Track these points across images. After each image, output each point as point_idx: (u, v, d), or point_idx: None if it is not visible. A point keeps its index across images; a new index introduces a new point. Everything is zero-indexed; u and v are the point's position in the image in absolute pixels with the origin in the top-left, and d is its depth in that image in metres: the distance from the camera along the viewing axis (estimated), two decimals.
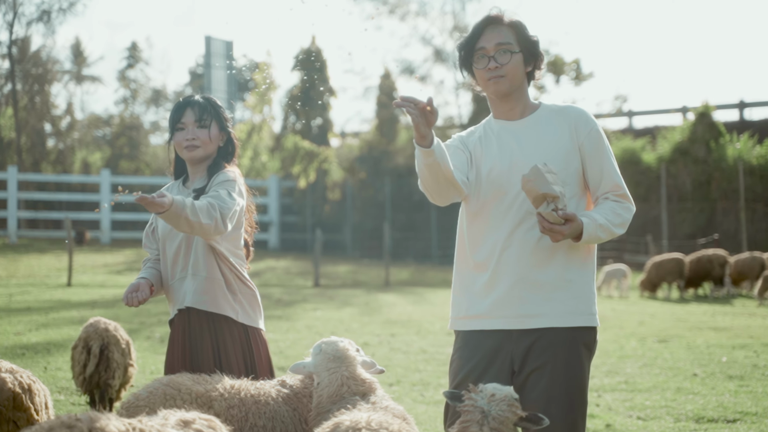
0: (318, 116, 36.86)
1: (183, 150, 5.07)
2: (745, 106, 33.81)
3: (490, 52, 4.49)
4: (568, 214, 4.20)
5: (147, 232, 5.23)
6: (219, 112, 5.16)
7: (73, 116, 42.67)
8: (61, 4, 37.78)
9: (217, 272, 4.94)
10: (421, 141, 4.18)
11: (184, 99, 5.17)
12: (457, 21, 36.76)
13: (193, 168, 5.13)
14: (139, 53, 42.01)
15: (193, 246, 4.95)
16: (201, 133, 5.05)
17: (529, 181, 4.19)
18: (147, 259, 5.20)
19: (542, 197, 4.19)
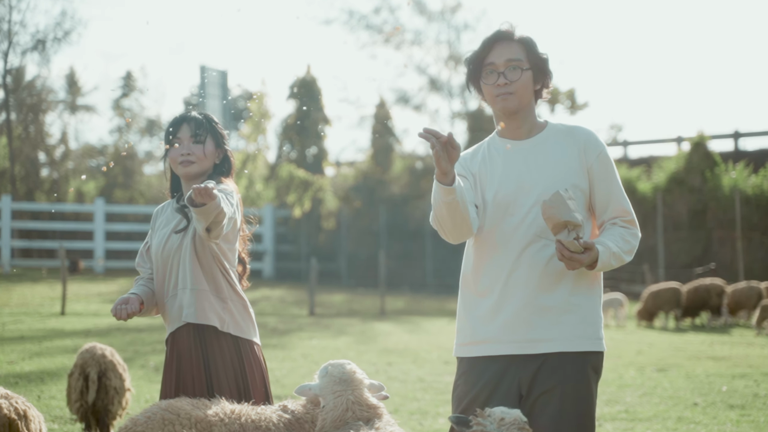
0: (313, 145, 36.84)
1: (178, 165, 5.00)
2: (739, 136, 33.85)
3: (499, 68, 4.39)
4: (587, 243, 4.12)
5: (141, 252, 5.15)
6: (215, 128, 5.10)
7: (68, 145, 42.61)
8: (56, 33, 37.79)
9: (203, 283, 4.85)
10: (442, 178, 4.10)
11: (180, 114, 5.10)
12: (452, 50, 36.83)
13: (188, 184, 5.05)
14: (134, 82, 42.03)
15: (181, 261, 4.87)
16: (196, 149, 4.98)
17: (551, 208, 4.09)
18: (139, 278, 5.13)
19: (563, 225, 4.09)
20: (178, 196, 5.12)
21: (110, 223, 34.12)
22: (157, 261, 4.99)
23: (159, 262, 4.98)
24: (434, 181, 4.18)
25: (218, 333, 4.86)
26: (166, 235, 4.96)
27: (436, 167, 4.09)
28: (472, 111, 36.18)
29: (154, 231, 5.10)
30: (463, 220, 4.24)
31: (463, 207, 4.19)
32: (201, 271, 4.85)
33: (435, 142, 4.00)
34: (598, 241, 4.24)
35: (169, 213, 5.05)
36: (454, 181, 4.12)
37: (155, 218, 5.16)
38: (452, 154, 4.04)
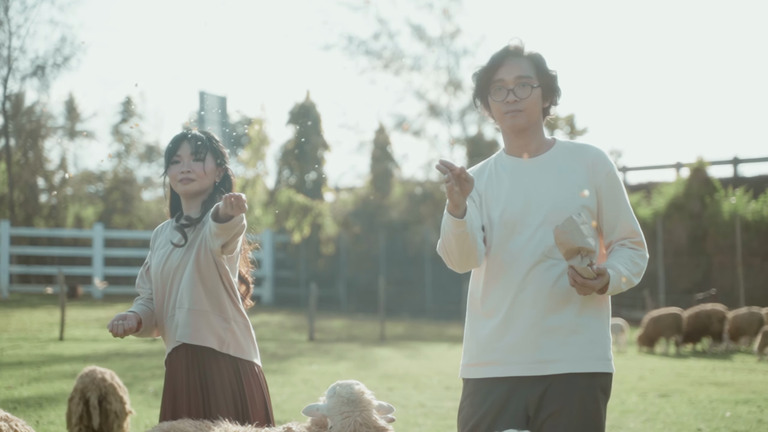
0: (312, 170, 36.83)
1: (177, 183, 4.94)
2: (739, 162, 33.84)
3: (509, 85, 4.33)
4: (600, 269, 4.06)
5: (141, 273, 5.09)
6: (216, 146, 5.04)
7: (67, 171, 42.59)
8: (56, 59, 37.82)
9: (203, 303, 4.78)
10: (454, 210, 4.07)
11: (180, 132, 5.05)
12: (451, 76, 36.85)
13: (188, 203, 4.99)
14: (133, 108, 42.04)
15: (182, 280, 4.81)
16: (196, 167, 4.92)
17: (564, 233, 4.03)
18: (139, 297, 5.07)
19: (576, 250, 4.03)
20: (178, 215, 5.06)
21: (109, 248, 34.08)
22: (157, 281, 4.93)
23: (158, 282, 4.92)
24: (445, 212, 4.14)
25: (216, 354, 4.79)
26: (165, 255, 4.90)
27: (448, 199, 4.06)
28: (471, 136, 36.19)
29: (153, 251, 5.05)
30: (470, 251, 4.21)
31: (472, 239, 4.15)
32: (203, 291, 4.79)
33: (450, 175, 3.96)
34: (608, 264, 4.18)
35: (169, 232, 5.00)
36: (465, 213, 4.08)
37: (155, 238, 5.10)
38: (465, 187, 4.01)
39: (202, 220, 4.87)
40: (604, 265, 4.16)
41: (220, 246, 4.59)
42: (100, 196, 41.56)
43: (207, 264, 4.78)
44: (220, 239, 4.56)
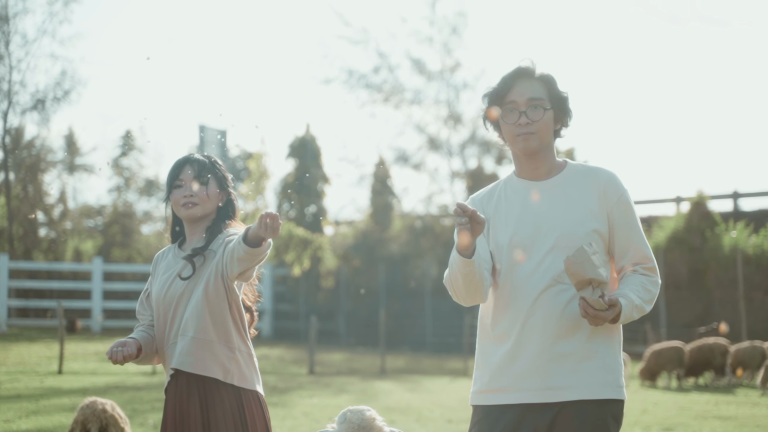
0: (312, 203, 36.82)
1: (180, 208, 4.87)
2: (738, 197, 33.82)
3: (521, 107, 4.27)
4: (612, 299, 4.00)
5: (141, 299, 5.02)
6: (218, 170, 4.98)
7: (66, 205, 42.56)
8: (56, 93, 37.87)
9: (209, 332, 4.70)
10: (463, 251, 4.04)
11: (183, 156, 4.99)
12: (451, 109, 36.91)
13: (191, 228, 4.92)
14: (133, 141, 42.09)
15: (187, 308, 4.74)
16: (199, 191, 4.86)
17: (575, 264, 3.97)
18: (139, 324, 4.98)
19: (587, 282, 3.97)
20: (180, 241, 5.00)
21: (108, 282, 34.00)
22: (158, 307, 4.85)
23: (160, 309, 4.84)
24: (454, 251, 4.10)
25: (219, 384, 4.72)
26: (168, 281, 4.83)
27: (458, 239, 4.02)
28: (471, 169, 36.20)
29: (154, 277, 4.97)
30: (477, 289, 4.17)
31: (479, 278, 4.12)
32: (210, 320, 4.71)
33: (465, 219, 3.94)
34: (620, 293, 4.12)
35: (171, 258, 4.92)
36: (474, 252, 4.05)
37: (156, 264, 5.03)
38: (476, 228, 3.98)
39: (210, 248, 4.80)
40: (616, 293, 4.10)
41: (238, 272, 4.53)
42: (99, 230, 41.52)
43: (216, 292, 4.71)
44: (243, 264, 4.49)
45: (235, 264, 4.52)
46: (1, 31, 36.82)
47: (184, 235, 4.99)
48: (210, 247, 4.80)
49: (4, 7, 36.73)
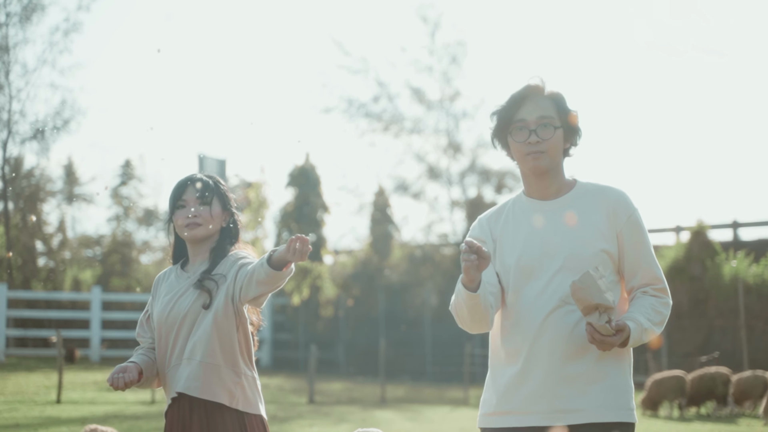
0: (311, 232, 36.76)
1: (183, 228, 4.82)
2: (738, 226, 33.78)
3: (531, 125, 4.21)
4: (619, 324, 3.94)
5: (141, 321, 4.95)
6: (222, 190, 4.93)
7: (65, 234, 42.51)
8: (56, 122, 37.89)
9: (217, 356, 4.64)
10: (468, 284, 4.02)
11: (185, 177, 4.94)
12: (450, 138, 36.93)
13: (194, 249, 4.87)
14: (132, 170, 42.08)
15: (194, 331, 4.68)
16: (203, 211, 4.81)
17: (581, 289, 3.92)
18: (139, 347, 4.91)
19: (594, 307, 3.92)
20: (183, 262, 4.95)
21: (107, 311, 33.89)
22: (160, 329, 4.79)
23: (162, 331, 4.78)
24: (459, 284, 4.08)
25: (223, 407, 4.66)
26: (170, 303, 4.77)
27: (464, 274, 3.99)
28: (471, 198, 36.15)
29: (155, 299, 4.91)
30: (482, 319, 4.14)
31: (484, 308, 4.09)
32: (218, 344, 4.65)
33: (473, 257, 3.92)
34: (629, 316, 4.06)
35: (173, 280, 4.87)
36: (480, 286, 4.02)
37: (157, 285, 4.97)
38: (482, 264, 3.95)
39: (219, 272, 4.75)
40: (624, 317, 4.05)
41: (255, 296, 4.49)
42: (98, 259, 41.44)
43: (226, 315, 4.65)
44: (262, 288, 4.45)
45: (253, 287, 4.48)
46: (1, 61, 36.87)
47: (186, 256, 4.94)
48: (218, 270, 4.75)
49: (5, 37, 36.81)
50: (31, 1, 37.47)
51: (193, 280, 4.77)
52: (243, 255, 4.78)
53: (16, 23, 37.08)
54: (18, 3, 36.98)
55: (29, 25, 37.66)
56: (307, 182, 36.78)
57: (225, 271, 4.72)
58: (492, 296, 4.19)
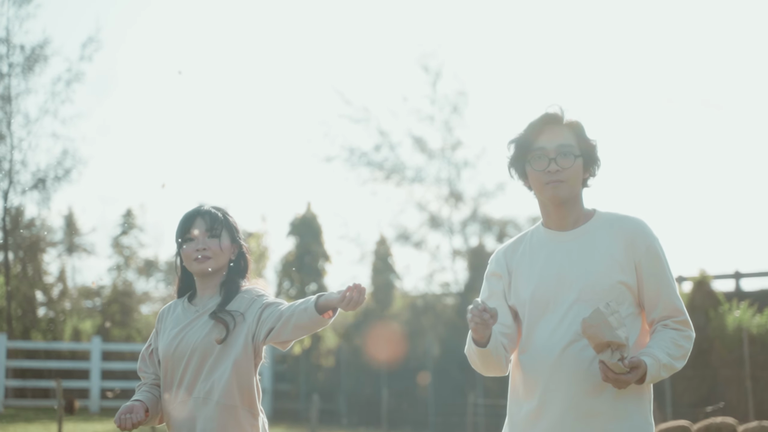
0: (313, 282, 36.64)
1: (192, 262, 4.73)
2: (741, 277, 33.67)
3: (550, 154, 4.14)
4: (633, 361, 3.84)
5: (143, 355, 4.85)
6: (230, 222, 4.84)
7: (66, 284, 42.39)
8: (57, 172, 37.88)
9: (234, 398, 4.54)
10: (479, 341, 4.01)
11: (193, 209, 4.86)
12: (452, 187, 36.92)
13: (203, 282, 4.78)
14: (133, 220, 42.04)
15: (196, 364, 4.56)
16: (212, 243, 4.73)
17: (591, 326, 3.82)
18: (142, 383, 4.80)
19: (606, 344, 3.81)
20: (190, 295, 4.85)
21: (107, 361, 33.69)
22: (166, 364, 4.68)
23: (168, 365, 4.67)
24: (469, 338, 4.06)
25: None
26: (178, 336, 4.67)
27: (472, 332, 3.98)
28: (472, 248, 36.04)
29: (161, 332, 4.81)
30: (496, 366, 4.13)
31: (497, 359, 4.07)
32: (236, 385, 4.55)
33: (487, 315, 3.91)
34: (646, 352, 3.95)
35: (180, 313, 4.77)
36: (490, 340, 4.01)
37: (162, 318, 4.86)
38: (489, 323, 3.92)
39: (237, 310, 4.66)
40: (641, 352, 3.94)
41: (288, 339, 4.43)
42: (98, 310, 41.30)
43: (246, 357, 4.58)
44: (300, 333, 4.41)
45: (288, 330, 4.41)
46: (3, 111, 36.96)
47: (193, 290, 4.84)
48: (233, 305, 4.66)
49: (7, 87, 36.92)
50: (34, 51, 37.63)
51: (202, 313, 4.69)
52: (261, 292, 4.71)
53: (19, 74, 37.22)
54: (21, 54, 37.13)
55: (32, 76, 37.81)
56: (309, 231, 36.73)
57: (243, 309, 4.64)
58: (506, 338, 4.12)
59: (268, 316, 4.55)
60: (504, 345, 4.17)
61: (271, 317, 4.52)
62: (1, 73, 36.70)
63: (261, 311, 4.60)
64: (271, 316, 4.53)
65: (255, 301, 4.66)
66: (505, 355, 4.16)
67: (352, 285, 4.28)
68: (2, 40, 36.67)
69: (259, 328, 4.56)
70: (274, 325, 4.51)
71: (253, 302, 4.66)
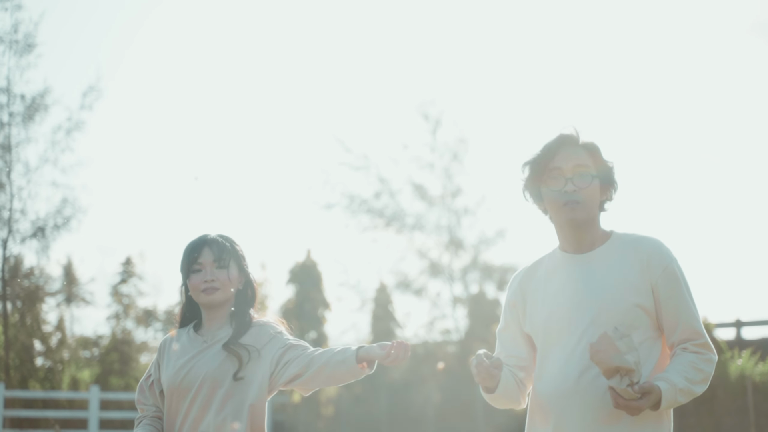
0: (312, 329, 36.50)
1: (200, 293, 4.58)
2: (742, 325, 33.55)
3: (566, 174, 4.02)
4: (644, 387, 3.71)
5: (143, 386, 4.70)
6: (238, 252, 4.71)
7: (64, 333, 42.23)
8: (56, 220, 37.82)
9: None
10: (488, 388, 3.98)
11: (200, 237, 4.72)
12: (452, 235, 36.88)
13: (211, 313, 4.64)
14: (132, 268, 41.96)
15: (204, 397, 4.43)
16: (220, 274, 4.59)
17: (599, 352, 3.71)
18: (142, 416, 4.65)
19: (614, 370, 3.69)
20: (195, 324, 4.71)
21: (105, 411, 33.45)
22: (171, 394, 4.52)
23: (173, 396, 4.51)
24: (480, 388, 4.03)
25: None
26: (187, 366, 4.52)
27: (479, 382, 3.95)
28: (473, 295, 35.94)
29: (163, 362, 4.63)
30: (512, 402, 4.11)
31: (508, 399, 4.03)
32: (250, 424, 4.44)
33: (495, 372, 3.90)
34: (661, 376, 3.82)
35: (186, 342, 4.61)
36: (498, 385, 3.96)
37: (165, 348, 4.70)
38: (494, 373, 3.89)
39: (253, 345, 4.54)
40: (657, 377, 3.82)
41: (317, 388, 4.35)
42: (96, 360, 41.11)
43: (261, 397, 4.47)
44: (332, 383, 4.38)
45: (322, 380, 4.37)
46: (3, 160, 36.96)
47: (198, 319, 4.71)
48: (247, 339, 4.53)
49: (7, 136, 36.95)
50: (35, 101, 37.72)
51: (212, 344, 4.56)
52: (278, 329, 4.60)
53: (19, 123, 37.25)
54: (21, 103, 37.19)
55: (32, 125, 37.83)
56: (308, 279, 36.64)
57: (259, 345, 4.52)
58: (522, 371, 4.09)
59: (293, 359, 4.45)
60: (519, 380, 4.11)
61: (297, 362, 4.41)
62: (2, 123, 36.75)
63: (283, 352, 4.50)
64: (297, 361, 4.41)
65: (274, 338, 4.54)
66: (520, 391, 4.10)
67: (397, 342, 4.19)
68: (3, 89, 36.74)
69: (281, 370, 4.44)
70: (302, 372, 4.40)
71: (271, 339, 4.54)
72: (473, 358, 3.94)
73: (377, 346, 4.34)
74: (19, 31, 36.25)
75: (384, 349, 4.25)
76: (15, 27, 36.20)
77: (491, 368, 3.91)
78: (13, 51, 37.00)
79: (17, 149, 37.21)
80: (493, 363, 3.92)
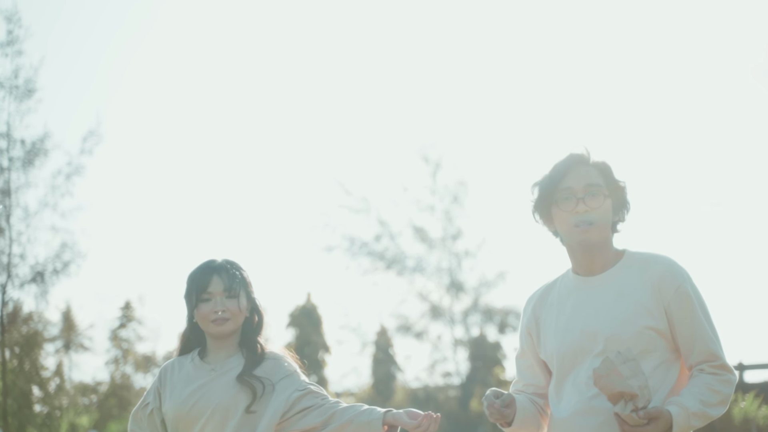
0: (313, 373, 36.30)
1: (210, 324, 4.38)
2: (744, 369, 33.31)
3: (578, 194, 3.87)
4: (651, 413, 3.56)
5: (139, 416, 4.52)
6: (246, 280, 4.55)
7: (63, 379, 42.03)
8: (55, 265, 37.70)
9: None
10: (505, 425, 3.92)
11: (207, 264, 4.53)
12: (453, 277, 36.79)
13: (218, 342, 4.46)
14: (132, 312, 41.85)
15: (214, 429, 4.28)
16: (230, 304, 4.38)
17: (602, 377, 3.58)
18: None
19: (619, 395, 3.56)
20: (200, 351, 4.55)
21: None
22: (177, 424, 4.33)
23: (179, 425, 4.33)
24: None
25: None
26: (195, 394, 4.33)
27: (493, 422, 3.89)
28: (474, 337, 35.79)
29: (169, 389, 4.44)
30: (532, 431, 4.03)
31: (527, 428, 3.95)
32: None
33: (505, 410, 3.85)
34: (673, 401, 3.66)
35: (191, 369, 4.43)
36: (514, 419, 3.88)
37: (167, 375, 4.49)
38: (506, 413, 3.82)
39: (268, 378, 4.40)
40: (669, 401, 3.67)
41: None
42: (95, 406, 40.90)
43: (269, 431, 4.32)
44: None
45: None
46: (2, 205, 36.92)
47: (202, 346, 4.55)
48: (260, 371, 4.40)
49: (7, 181, 36.93)
50: (35, 146, 37.74)
51: (223, 373, 4.40)
52: (294, 367, 4.46)
53: (19, 168, 37.23)
54: (21, 148, 37.19)
55: (32, 169, 37.79)
56: (309, 322, 36.48)
57: (274, 378, 4.37)
58: (542, 398, 4.03)
59: (313, 408, 4.32)
60: (540, 406, 4.04)
61: (317, 413, 4.27)
62: (2, 168, 36.74)
63: (301, 396, 4.34)
64: (317, 411, 4.28)
65: (290, 377, 4.39)
66: (541, 416, 4.04)
67: (428, 414, 4.09)
68: (3, 134, 36.74)
69: (297, 416, 4.29)
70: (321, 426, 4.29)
71: (287, 377, 4.39)
72: (484, 399, 3.86)
73: (405, 413, 4.23)
74: (20, 76, 36.23)
75: (413, 418, 4.15)
76: (15, 72, 36.22)
77: (502, 409, 3.84)
78: (13, 96, 36.99)
79: (17, 194, 37.12)
80: (504, 401, 3.84)
